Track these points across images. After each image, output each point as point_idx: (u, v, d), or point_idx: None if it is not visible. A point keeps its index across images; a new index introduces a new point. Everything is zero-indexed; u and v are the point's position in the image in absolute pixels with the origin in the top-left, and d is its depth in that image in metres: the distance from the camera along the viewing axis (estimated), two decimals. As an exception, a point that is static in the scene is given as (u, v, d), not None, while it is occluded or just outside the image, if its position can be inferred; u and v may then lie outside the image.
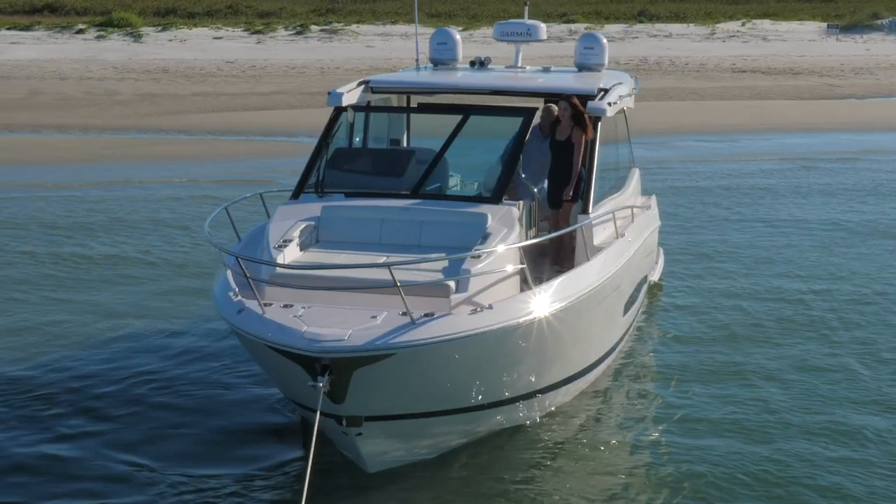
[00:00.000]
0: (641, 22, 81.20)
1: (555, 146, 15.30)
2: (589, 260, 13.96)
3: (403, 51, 59.11)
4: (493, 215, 13.90)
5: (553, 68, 19.16)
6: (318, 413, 11.33)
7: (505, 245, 13.04)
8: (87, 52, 63.44)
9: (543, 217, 15.86)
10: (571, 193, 14.99)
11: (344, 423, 11.80)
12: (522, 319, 11.99)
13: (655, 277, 19.74)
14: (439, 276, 12.54)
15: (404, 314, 11.32)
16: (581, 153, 15.06)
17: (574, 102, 15.17)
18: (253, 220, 15.07)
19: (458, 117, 15.40)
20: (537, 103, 16.64)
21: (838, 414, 14.74)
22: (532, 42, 19.58)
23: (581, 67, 18.70)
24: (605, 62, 18.73)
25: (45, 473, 12.94)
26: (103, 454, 13.39)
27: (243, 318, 11.79)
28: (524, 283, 12.72)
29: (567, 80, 17.46)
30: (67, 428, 14.15)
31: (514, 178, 15.38)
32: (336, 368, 11.12)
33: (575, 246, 14.71)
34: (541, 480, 12.89)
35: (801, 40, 74.78)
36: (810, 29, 79.58)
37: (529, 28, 19.39)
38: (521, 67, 19.12)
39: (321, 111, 16.11)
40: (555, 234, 14.49)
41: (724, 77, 57.42)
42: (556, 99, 15.87)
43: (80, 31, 70.29)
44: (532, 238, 14.73)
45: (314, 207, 14.46)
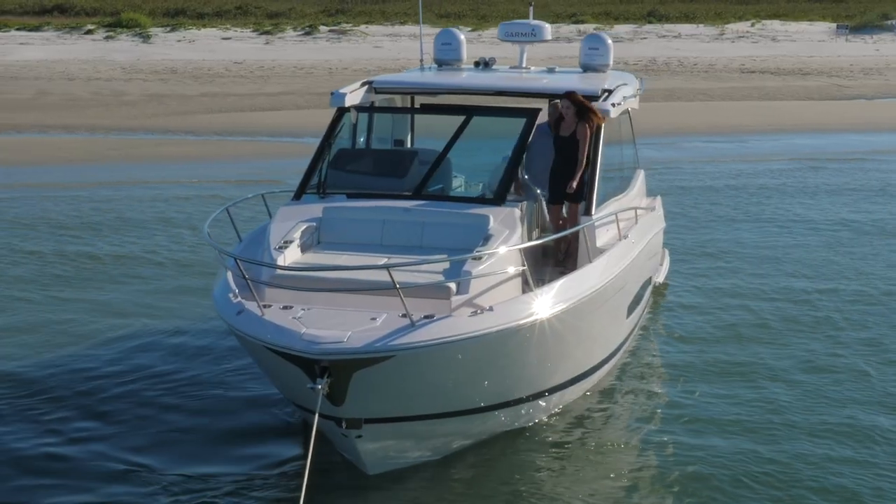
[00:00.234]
0: (651, 22, 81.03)
1: (558, 142, 15.20)
2: (591, 262, 13.88)
3: (412, 51, 58.92)
4: (495, 217, 13.83)
5: (558, 69, 19.07)
6: (317, 415, 11.28)
7: (506, 247, 12.97)
8: (95, 52, 63.50)
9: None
10: (575, 185, 14.84)
11: (343, 425, 11.75)
12: (523, 322, 11.91)
13: (660, 279, 19.64)
14: (440, 277, 12.47)
15: (404, 316, 11.26)
16: (586, 147, 14.98)
17: (576, 98, 15.07)
18: (259, 219, 15.07)
19: (461, 118, 15.34)
20: (541, 104, 16.56)
21: (845, 414, 14.67)
22: (536, 42, 19.52)
23: (586, 68, 18.63)
24: (610, 63, 18.66)
25: (45, 471, 12.98)
26: (103, 453, 13.41)
27: (242, 320, 11.75)
28: (526, 285, 12.64)
29: (571, 81, 17.36)
30: (68, 426, 14.19)
31: (525, 177, 15.35)
32: (335, 370, 11.06)
33: (577, 247, 14.64)
34: (545, 481, 12.84)
35: (810, 41, 74.56)
36: (820, 29, 79.35)
37: (534, 28, 19.33)
38: (525, 68, 19.05)
39: (328, 112, 16.09)
40: (556, 236, 14.41)
41: (732, 78, 57.26)
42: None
43: (89, 32, 70.38)
44: (536, 239, 14.67)
45: (316, 208, 14.40)
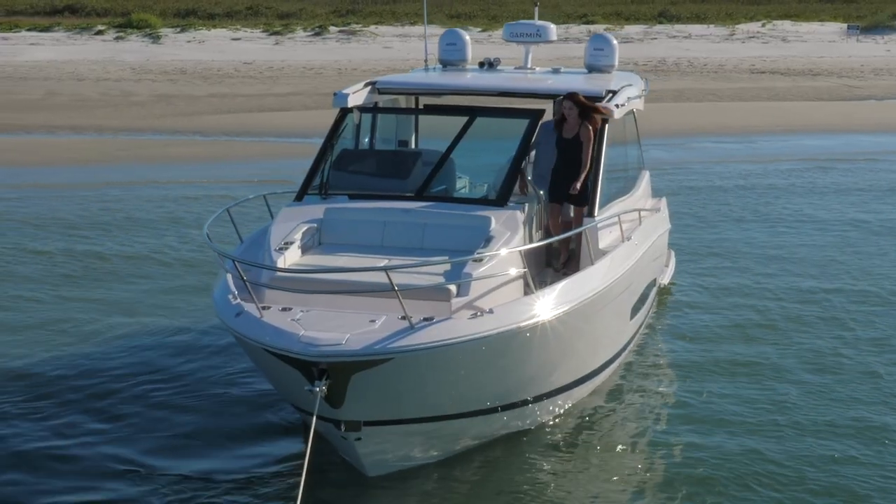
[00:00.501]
0: (661, 23, 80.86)
1: (561, 143, 15.09)
2: (593, 264, 13.80)
3: (421, 52, 58.88)
4: (497, 219, 13.77)
5: (563, 69, 19.01)
6: (315, 417, 11.23)
7: (507, 248, 12.90)
8: (105, 53, 63.56)
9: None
10: (579, 186, 14.75)
11: (342, 427, 11.70)
12: (523, 324, 11.84)
13: (666, 280, 19.56)
14: (440, 279, 12.41)
15: (403, 318, 11.20)
16: (590, 149, 14.89)
17: (578, 99, 14.99)
18: (266, 220, 15.10)
19: (465, 119, 15.29)
20: (545, 105, 16.48)
21: (852, 415, 14.64)
22: (542, 43, 19.45)
23: (591, 69, 18.57)
24: (616, 63, 18.59)
25: (44, 469, 13.04)
26: (102, 451, 13.48)
27: (241, 322, 11.70)
28: (527, 287, 12.57)
29: (576, 82, 17.30)
30: (68, 424, 14.25)
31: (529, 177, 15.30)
32: (333, 373, 11.01)
33: (580, 249, 14.57)
34: (549, 482, 12.81)
35: (820, 41, 74.30)
36: (830, 30, 79.07)
37: (539, 29, 19.25)
38: (530, 69, 18.97)
39: (335, 112, 16.08)
40: (558, 238, 14.34)
41: (742, 78, 57.08)
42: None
43: (100, 33, 70.45)
44: (539, 240, 14.60)
45: (317, 209, 14.36)
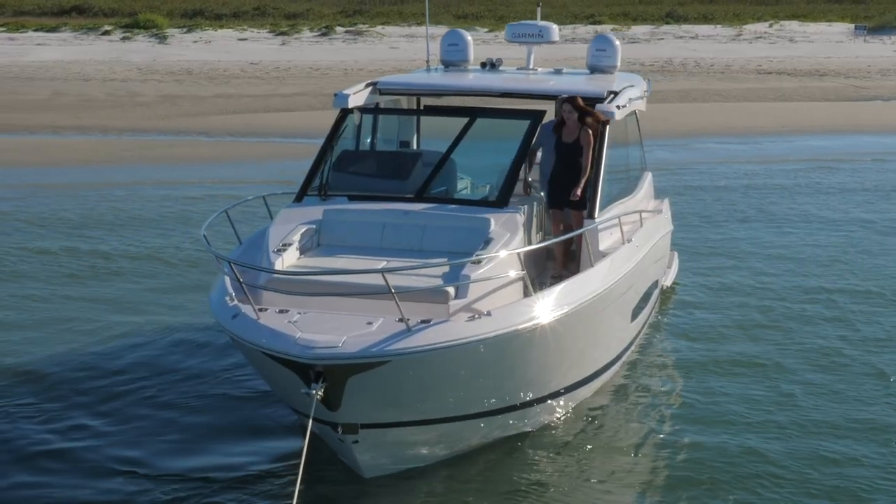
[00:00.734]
0: (669, 23, 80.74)
1: (561, 148, 15.02)
2: (593, 266, 13.74)
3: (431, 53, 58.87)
4: (496, 220, 13.71)
5: (565, 70, 18.95)
6: (311, 420, 11.19)
7: (506, 250, 12.84)
8: (111, 53, 63.59)
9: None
10: (580, 192, 14.70)
11: (340, 430, 11.66)
12: (521, 327, 11.77)
13: (668, 282, 19.50)
14: (438, 281, 12.37)
15: (400, 321, 11.14)
16: (590, 153, 14.84)
17: (578, 104, 14.93)
18: (268, 220, 15.15)
19: (465, 119, 15.24)
20: (546, 106, 16.42)
21: (858, 414, 14.64)
22: (544, 44, 19.40)
23: (593, 69, 18.51)
24: (618, 64, 18.52)
25: (41, 468, 13.08)
26: (101, 449, 13.53)
27: (237, 324, 11.66)
28: (527, 289, 12.50)
29: (577, 83, 17.25)
30: (68, 422, 14.31)
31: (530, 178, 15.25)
32: (329, 375, 10.96)
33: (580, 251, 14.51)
34: (552, 482, 12.79)
35: (828, 41, 74.13)
36: (838, 30, 78.89)
37: (541, 29, 19.20)
38: (532, 69, 18.91)
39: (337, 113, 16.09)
40: (557, 240, 14.28)
41: (748, 79, 56.96)
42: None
43: (106, 33, 70.52)
44: (539, 242, 14.55)
45: (316, 210, 14.31)
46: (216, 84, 52.23)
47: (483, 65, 18.62)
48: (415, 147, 17.92)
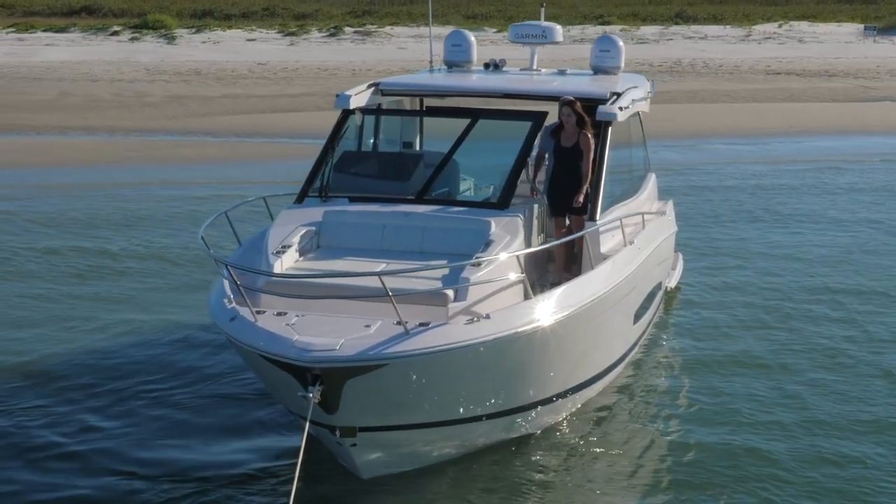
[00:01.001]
0: (678, 24, 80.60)
1: (559, 151, 14.92)
2: (594, 268, 13.65)
3: (436, 53, 58.82)
4: (497, 222, 13.63)
5: (568, 71, 18.87)
6: (308, 422, 11.14)
7: (506, 253, 12.77)
8: (119, 53, 63.60)
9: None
10: (581, 199, 14.64)
11: (338, 433, 11.60)
12: (521, 329, 11.70)
13: (672, 284, 19.40)
14: (437, 284, 12.30)
15: (399, 324, 11.08)
16: (590, 158, 14.75)
17: (577, 108, 14.83)
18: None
19: (467, 121, 15.17)
20: (549, 107, 16.34)
21: (864, 415, 14.62)
22: (547, 44, 19.32)
23: (597, 70, 18.44)
24: (622, 65, 18.45)
25: (40, 465, 13.11)
26: (100, 447, 13.57)
27: (235, 326, 11.61)
28: (527, 292, 12.42)
29: (580, 84, 17.17)
30: (68, 420, 14.34)
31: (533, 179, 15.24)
32: (327, 378, 10.91)
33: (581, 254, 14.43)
34: (553, 483, 12.75)
35: (837, 42, 73.93)
36: (847, 31, 78.70)
37: (545, 30, 19.13)
38: (535, 70, 18.84)
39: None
40: (557, 242, 14.20)
41: (757, 79, 56.80)
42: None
43: (115, 34, 70.56)
44: (541, 244, 14.47)
45: (317, 212, 14.24)
46: (224, 84, 52.22)
47: (486, 65, 18.56)
48: (418, 148, 17.87)
